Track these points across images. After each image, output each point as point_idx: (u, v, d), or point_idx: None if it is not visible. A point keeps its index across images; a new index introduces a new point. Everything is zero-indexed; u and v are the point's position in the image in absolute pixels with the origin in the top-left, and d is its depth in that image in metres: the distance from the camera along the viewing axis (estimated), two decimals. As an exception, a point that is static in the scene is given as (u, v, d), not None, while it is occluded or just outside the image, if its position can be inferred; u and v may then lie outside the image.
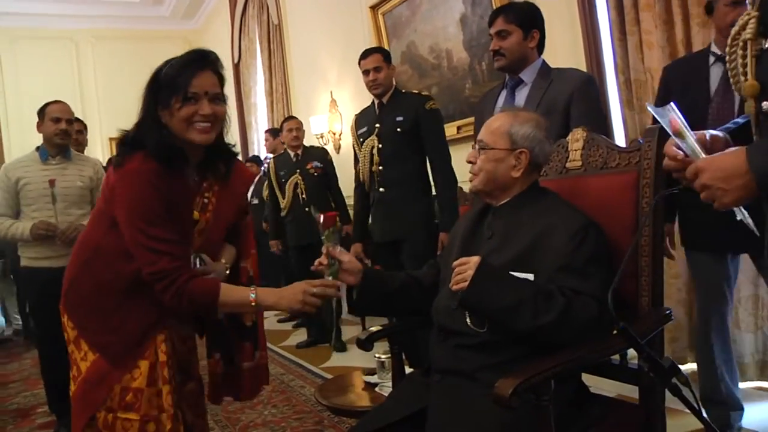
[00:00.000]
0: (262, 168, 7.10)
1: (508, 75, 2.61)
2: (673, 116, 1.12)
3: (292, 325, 5.84)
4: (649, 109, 1.16)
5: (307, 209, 4.94)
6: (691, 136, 1.12)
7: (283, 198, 5.08)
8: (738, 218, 1.11)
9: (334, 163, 5.26)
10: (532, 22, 2.53)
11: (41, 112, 3.37)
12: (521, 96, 2.54)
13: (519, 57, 2.51)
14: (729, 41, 1.14)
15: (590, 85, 2.48)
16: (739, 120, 1.27)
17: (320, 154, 5.13)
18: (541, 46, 2.58)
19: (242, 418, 3.38)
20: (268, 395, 3.73)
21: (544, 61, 2.58)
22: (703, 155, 1.10)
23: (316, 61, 6.84)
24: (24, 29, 9.30)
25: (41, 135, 3.38)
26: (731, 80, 1.17)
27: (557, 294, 1.44)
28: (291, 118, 5.30)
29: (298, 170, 5.01)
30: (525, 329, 1.45)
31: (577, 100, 2.37)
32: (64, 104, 3.39)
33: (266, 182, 5.83)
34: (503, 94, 2.65)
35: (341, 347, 4.84)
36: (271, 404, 3.56)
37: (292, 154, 5.11)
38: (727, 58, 1.16)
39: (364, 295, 1.77)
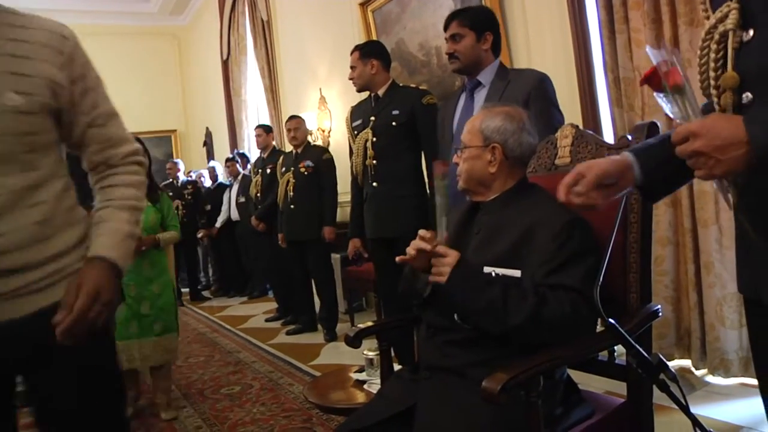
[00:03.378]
0: (247, 166, 7.12)
1: (467, 78, 2.68)
2: (677, 67, 1.04)
3: (280, 323, 5.83)
4: (648, 51, 1.08)
5: (292, 206, 5.05)
6: (691, 94, 1.04)
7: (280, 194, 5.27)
8: (715, 187, 1.06)
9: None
10: (485, 24, 2.61)
11: None
12: (480, 97, 2.60)
13: (473, 59, 2.60)
14: (703, 34, 1.10)
15: (546, 83, 2.54)
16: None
17: (316, 153, 5.13)
18: (496, 48, 2.65)
19: (230, 416, 3.37)
20: (256, 393, 3.71)
21: (501, 62, 2.67)
22: (700, 118, 1.02)
23: (306, 58, 6.83)
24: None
25: None
26: (699, 76, 1.12)
27: (530, 294, 1.44)
28: (291, 117, 5.36)
29: (292, 168, 5.09)
30: (496, 332, 1.46)
31: (534, 98, 2.43)
32: None
33: (254, 180, 5.89)
34: (463, 97, 2.71)
35: (331, 336, 4.98)
36: (259, 402, 3.54)
37: (293, 152, 5.22)
38: (699, 53, 1.11)
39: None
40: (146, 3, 10.24)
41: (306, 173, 5.01)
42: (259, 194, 5.77)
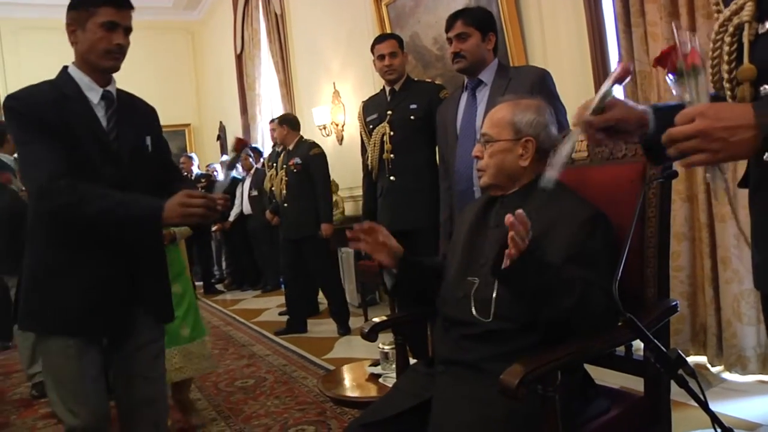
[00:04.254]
0: (261, 160, 7.15)
1: (468, 77, 2.70)
2: (696, 47, 1.02)
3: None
4: (675, 29, 1.06)
5: (285, 204, 5.12)
6: (705, 79, 1.02)
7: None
8: (707, 175, 1.04)
9: (331, 154, 5.31)
10: (488, 25, 2.66)
11: None
12: (482, 96, 2.63)
13: (478, 59, 2.63)
14: (716, 27, 1.09)
15: (547, 78, 2.57)
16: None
17: (304, 150, 5.12)
18: (495, 48, 2.69)
19: (245, 409, 3.39)
20: (270, 386, 3.73)
21: (499, 61, 2.71)
22: (708, 102, 1.00)
23: (319, 52, 6.82)
24: (26, 20, 9.29)
25: None
26: (710, 70, 1.10)
27: (576, 281, 1.40)
28: (272, 120, 5.39)
29: (284, 166, 5.15)
30: (548, 314, 1.41)
31: (537, 93, 2.42)
32: None
33: (268, 174, 5.91)
34: (464, 96, 2.73)
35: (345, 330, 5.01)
36: (273, 395, 3.56)
37: (285, 150, 5.26)
38: (711, 46, 1.10)
39: (402, 285, 1.79)
40: (162, -3, 10.27)
41: (295, 171, 5.03)
42: (273, 188, 5.78)
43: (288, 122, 5.24)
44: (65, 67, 1.92)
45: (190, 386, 3.32)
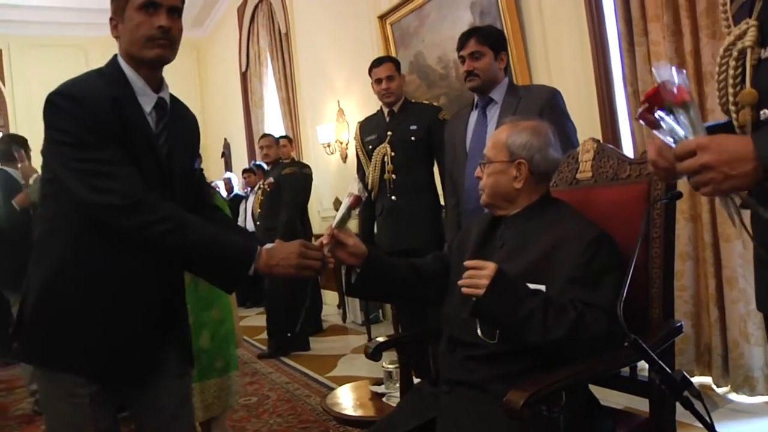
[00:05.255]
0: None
1: (478, 95, 2.72)
2: (684, 83, 1.03)
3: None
4: (654, 68, 1.06)
5: (257, 223, 5.22)
6: (696, 112, 1.03)
7: None
8: (720, 204, 1.05)
9: (335, 172, 5.31)
10: (501, 44, 2.70)
11: None
12: (493, 114, 2.65)
13: (491, 77, 2.65)
14: (721, 51, 1.10)
15: (557, 97, 2.58)
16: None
17: (279, 170, 5.15)
18: (506, 67, 2.72)
19: (247, 427, 3.37)
20: (273, 404, 3.72)
21: (510, 80, 2.74)
22: (704, 134, 1.01)
23: (324, 69, 6.87)
24: (35, 38, 9.39)
25: None
26: (717, 93, 1.12)
27: (569, 308, 1.44)
28: (263, 136, 5.42)
29: (260, 186, 5.24)
30: (535, 342, 1.44)
31: (548, 112, 2.45)
32: None
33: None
34: (474, 114, 2.75)
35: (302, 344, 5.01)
36: (276, 413, 3.55)
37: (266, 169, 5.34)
38: (717, 69, 1.12)
39: (364, 280, 1.73)
40: (167, 15, 10.38)
41: (268, 189, 5.09)
42: (259, 210, 5.59)
43: (288, 140, 5.34)
44: (115, 58, 1.61)
45: (224, 426, 2.81)
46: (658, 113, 1.06)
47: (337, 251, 1.66)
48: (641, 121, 1.10)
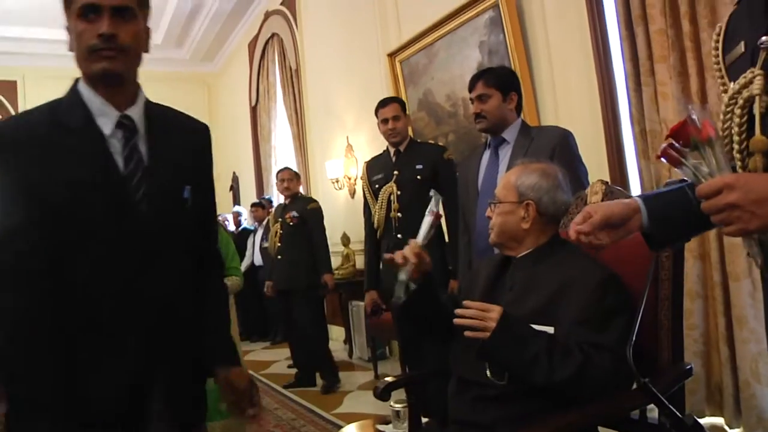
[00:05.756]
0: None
1: (491, 135, 2.73)
2: (708, 119, 1.03)
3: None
4: (690, 110, 1.05)
5: (279, 257, 5.13)
6: (722, 148, 1.03)
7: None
8: (744, 245, 1.04)
9: (343, 208, 5.28)
10: (510, 85, 2.69)
11: None
12: (504, 154, 2.65)
13: (499, 119, 2.65)
14: (726, 99, 1.11)
15: (570, 139, 2.58)
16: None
17: (302, 204, 5.16)
18: (519, 107, 2.72)
19: (253, 464, 3.34)
20: (279, 441, 3.69)
21: (523, 120, 2.73)
22: (730, 171, 1.01)
23: (333, 106, 6.94)
24: (48, 69, 9.54)
25: None
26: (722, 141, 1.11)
27: (575, 350, 1.44)
28: (283, 169, 5.43)
29: (280, 219, 5.17)
30: (541, 383, 1.45)
31: (559, 153, 2.45)
32: None
33: (272, 228, 5.92)
34: (486, 153, 2.76)
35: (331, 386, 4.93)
36: (282, 450, 3.52)
37: (283, 203, 5.30)
38: (722, 117, 1.12)
39: (420, 295, 1.76)
40: (179, 50, 10.53)
41: (291, 224, 5.06)
42: (279, 244, 5.36)
43: (297, 175, 5.32)
44: (76, 81, 1.40)
45: None
46: (680, 163, 1.05)
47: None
48: (663, 159, 1.09)
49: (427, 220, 1.73)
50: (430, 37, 4.97)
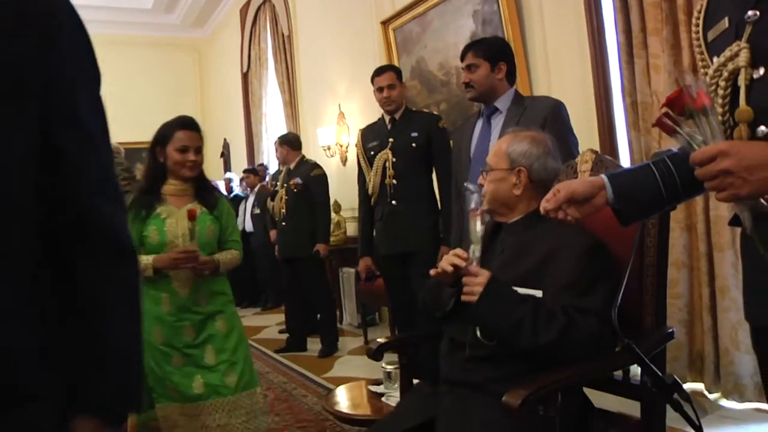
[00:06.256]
0: (266, 177, 7.19)
1: (484, 104, 2.77)
2: (702, 89, 1.05)
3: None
4: (685, 80, 1.08)
5: (283, 223, 5.17)
6: (716, 118, 1.05)
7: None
8: (736, 210, 1.07)
9: (335, 175, 5.30)
10: (499, 54, 2.73)
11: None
12: (497, 123, 2.70)
13: (487, 88, 2.70)
14: (711, 72, 1.14)
15: (561, 109, 2.62)
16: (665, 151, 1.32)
17: (306, 170, 5.15)
18: (511, 77, 2.76)
19: (245, 424, 3.41)
20: (271, 403, 3.75)
21: (516, 90, 2.78)
22: (723, 139, 1.04)
23: (326, 73, 6.92)
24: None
25: None
26: None
27: (559, 313, 1.49)
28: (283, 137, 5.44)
29: (285, 185, 5.18)
30: (526, 346, 1.50)
31: (550, 123, 2.49)
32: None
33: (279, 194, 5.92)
34: (479, 122, 2.81)
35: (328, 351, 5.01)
36: (273, 412, 3.58)
37: (286, 168, 5.29)
38: (708, 88, 1.14)
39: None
40: (169, 15, 10.39)
41: (296, 190, 5.08)
42: (284, 210, 5.32)
43: (288, 142, 5.28)
44: None
45: None
46: (676, 129, 1.09)
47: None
48: (659, 127, 1.13)
49: (472, 222, 1.71)
50: (424, 6, 4.96)
